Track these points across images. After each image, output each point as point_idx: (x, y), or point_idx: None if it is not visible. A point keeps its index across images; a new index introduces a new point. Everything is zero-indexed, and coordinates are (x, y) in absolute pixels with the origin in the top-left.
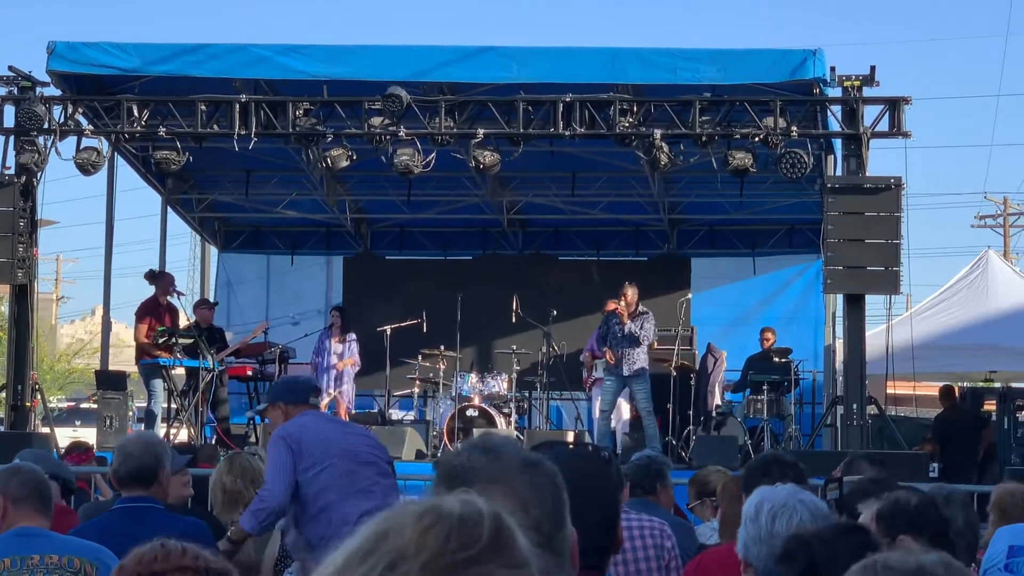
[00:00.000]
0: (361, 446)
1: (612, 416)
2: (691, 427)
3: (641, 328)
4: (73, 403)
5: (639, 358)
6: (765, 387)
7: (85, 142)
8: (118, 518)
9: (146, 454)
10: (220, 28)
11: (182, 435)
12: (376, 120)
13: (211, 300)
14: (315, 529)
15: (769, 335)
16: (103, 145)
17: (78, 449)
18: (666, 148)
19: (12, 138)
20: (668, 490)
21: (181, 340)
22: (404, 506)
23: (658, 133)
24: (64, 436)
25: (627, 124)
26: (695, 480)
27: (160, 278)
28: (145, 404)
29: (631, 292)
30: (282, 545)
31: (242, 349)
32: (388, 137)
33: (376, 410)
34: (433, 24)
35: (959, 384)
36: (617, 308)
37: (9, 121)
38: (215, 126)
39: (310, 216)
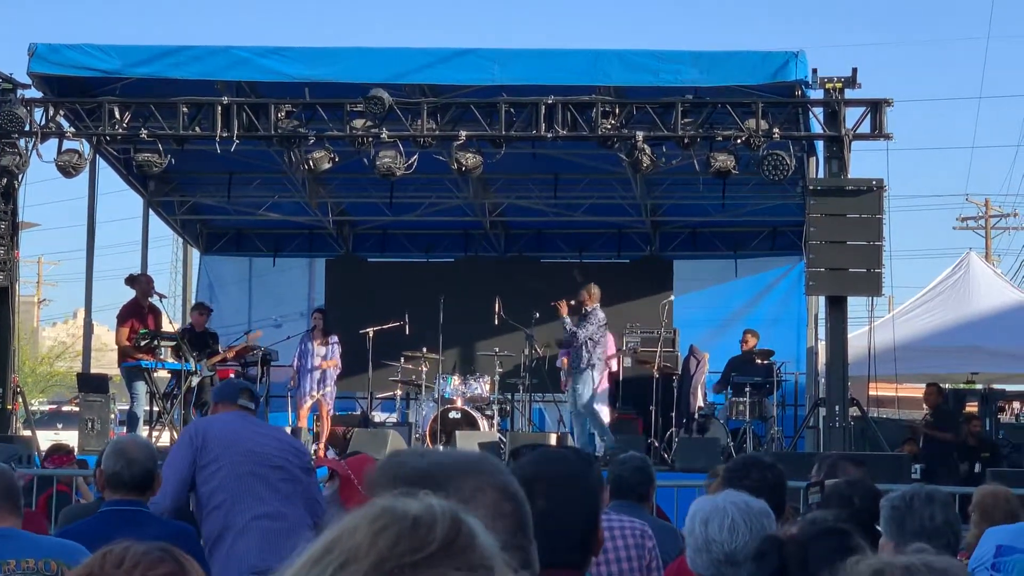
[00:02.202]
0: (271, 449)
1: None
2: (674, 429)
3: (577, 327)
4: (55, 406)
5: (583, 356)
6: (748, 389)
7: (66, 144)
8: (105, 522)
9: (149, 459)
10: (201, 30)
11: (164, 438)
12: (358, 122)
13: (207, 304)
14: (207, 527)
15: (750, 338)
16: (84, 147)
17: (59, 452)
18: (648, 150)
19: None
20: (654, 493)
21: (163, 343)
22: (363, 507)
23: (640, 135)
24: (46, 439)
25: (609, 126)
26: (714, 474)
27: (138, 281)
28: (127, 407)
29: (584, 293)
30: None
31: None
32: (370, 139)
33: (359, 412)
34: (414, 26)
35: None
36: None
37: None
38: (197, 128)
39: (292, 218)
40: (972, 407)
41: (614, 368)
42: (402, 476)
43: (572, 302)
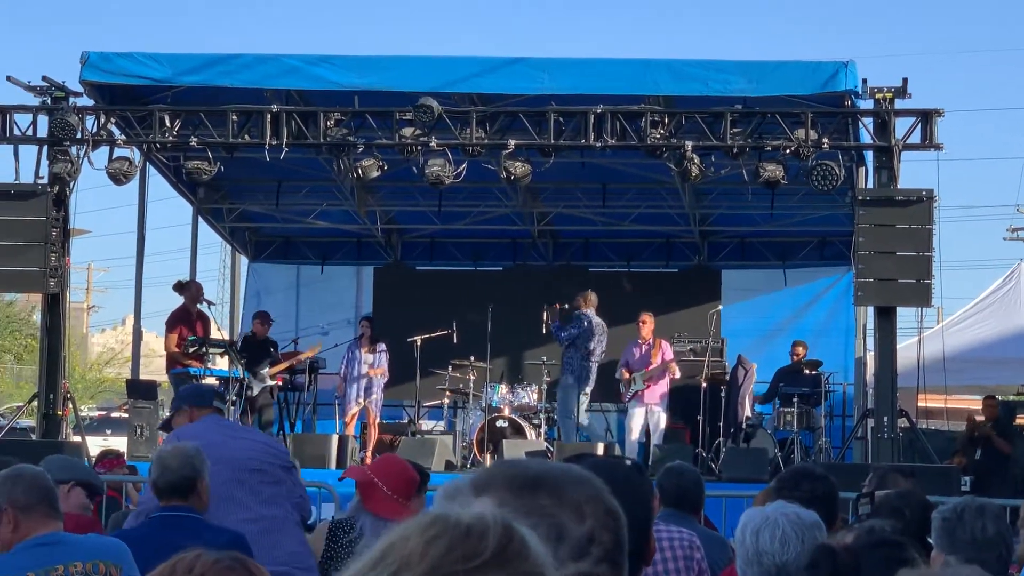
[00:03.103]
0: (247, 452)
1: (639, 428)
2: (721, 439)
3: (563, 330)
4: (104, 412)
5: (567, 360)
6: (795, 399)
7: (117, 152)
8: (155, 527)
9: (184, 466)
10: (252, 38)
11: None
12: (407, 130)
13: (269, 314)
14: None
15: (800, 349)
16: (135, 155)
17: (109, 456)
18: (697, 160)
19: (45, 148)
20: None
21: (212, 350)
22: (417, 516)
23: (689, 145)
24: (95, 445)
25: (658, 136)
26: None
27: (188, 287)
28: None
29: (580, 298)
30: (337, 543)
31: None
32: (419, 147)
33: (406, 420)
34: (463, 35)
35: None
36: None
37: (43, 131)
38: (246, 136)
39: (340, 226)
40: (1023, 419)
41: (677, 375)
42: (515, 480)
43: (566, 306)
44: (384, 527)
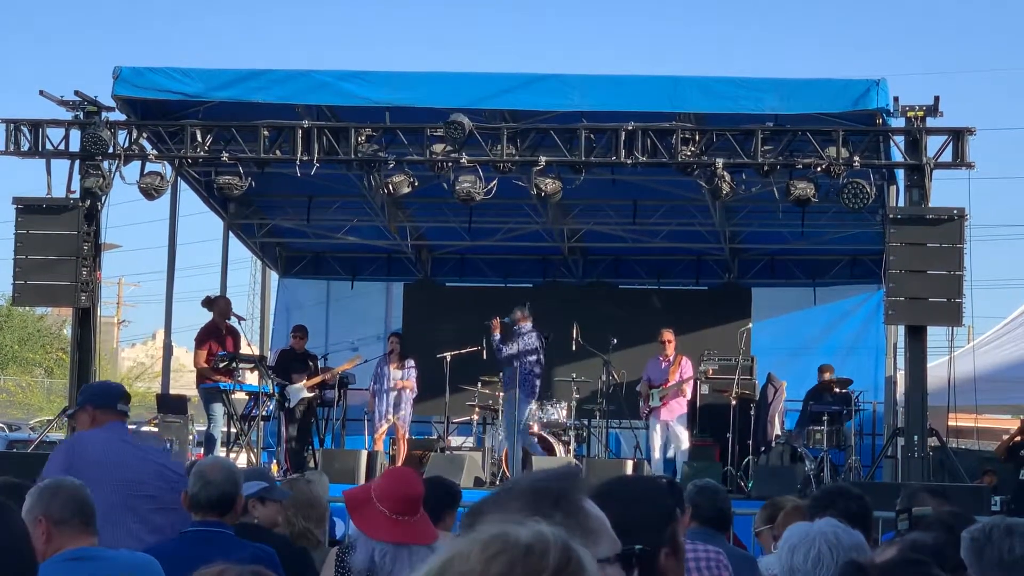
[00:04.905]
0: (147, 475)
1: (659, 445)
2: (751, 457)
3: (504, 344)
4: (134, 426)
5: (513, 374)
6: (825, 418)
7: (149, 167)
8: (188, 543)
9: (227, 481)
10: (283, 55)
11: (241, 459)
12: (438, 147)
13: (305, 327)
14: None
15: (827, 374)
16: (166, 170)
17: None
18: (728, 177)
19: (78, 162)
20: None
21: (242, 365)
22: (475, 533)
23: (720, 162)
24: None
25: (689, 153)
26: (771, 504)
27: (216, 303)
28: (205, 428)
29: (517, 311)
30: (341, 565)
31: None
32: (450, 164)
33: (435, 436)
34: (494, 52)
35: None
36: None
37: (75, 146)
38: (277, 151)
39: (371, 242)
40: None
41: (689, 394)
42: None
43: (506, 320)
44: (373, 546)
